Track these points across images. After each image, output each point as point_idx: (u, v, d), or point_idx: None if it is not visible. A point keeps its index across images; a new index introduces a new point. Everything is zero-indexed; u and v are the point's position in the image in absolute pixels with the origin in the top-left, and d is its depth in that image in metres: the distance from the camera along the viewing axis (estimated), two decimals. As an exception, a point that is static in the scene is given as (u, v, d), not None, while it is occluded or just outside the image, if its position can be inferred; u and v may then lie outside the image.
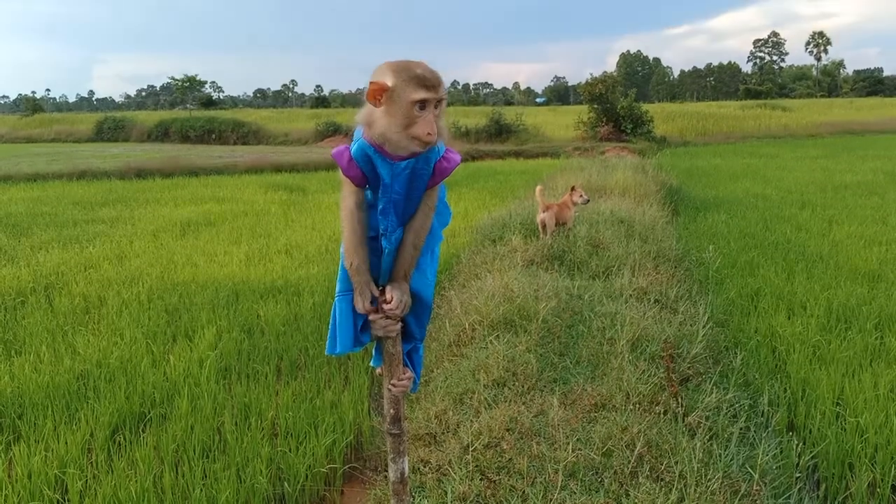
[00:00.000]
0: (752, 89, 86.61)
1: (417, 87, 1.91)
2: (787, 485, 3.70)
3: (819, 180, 17.14)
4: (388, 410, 1.97)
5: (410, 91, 1.90)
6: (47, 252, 9.85)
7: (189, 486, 3.89)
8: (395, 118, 1.94)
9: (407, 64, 1.96)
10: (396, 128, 1.96)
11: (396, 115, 1.94)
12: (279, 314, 6.83)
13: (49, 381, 5.22)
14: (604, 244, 8.02)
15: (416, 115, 1.94)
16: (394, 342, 2.13)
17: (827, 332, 6.09)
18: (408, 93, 1.91)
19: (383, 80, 1.94)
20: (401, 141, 2.00)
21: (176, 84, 61.94)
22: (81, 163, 25.09)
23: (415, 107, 1.92)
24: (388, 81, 1.93)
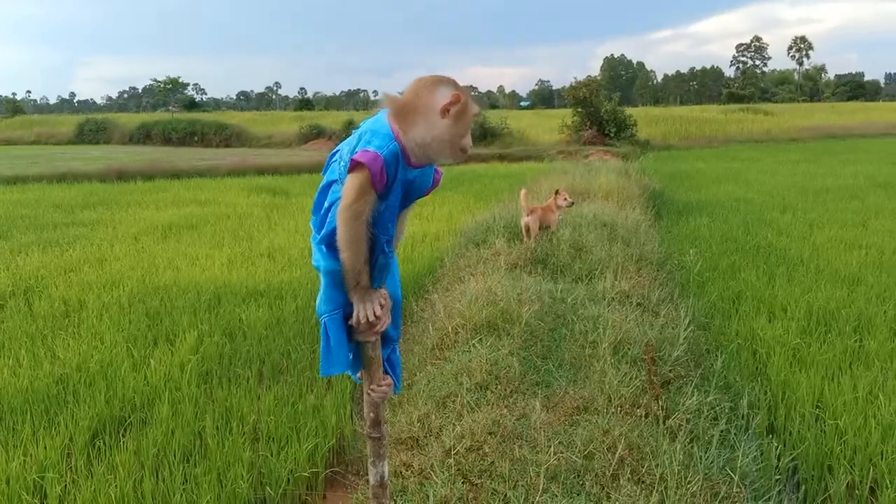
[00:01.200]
0: (735, 93, 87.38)
1: (475, 103, 2.08)
2: (767, 487, 3.72)
3: (800, 184, 17.29)
4: (369, 414, 1.97)
5: (473, 107, 2.06)
6: (27, 255, 9.76)
7: (169, 491, 3.86)
8: (457, 130, 2.06)
9: (448, 79, 2.12)
10: (452, 139, 2.08)
11: (458, 128, 2.06)
12: (261, 318, 6.80)
13: (28, 385, 5.17)
14: (587, 247, 8.05)
15: (461, 137, 2.10)
16: (373, 346, 2.12)
17: (807, 334, 6.14)
18: (473, 108, 2.06)
19: (455, 93, 2.07)
20: (444, 151, 2.12)
21: (158, 86, 61.61)
22: (62, 165, 24.91)
23: (469, 123, 2.10)
24: (457, 94, 2.07)
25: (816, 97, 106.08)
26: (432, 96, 2.08)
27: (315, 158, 29.40)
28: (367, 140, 2.14)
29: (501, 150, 32.49)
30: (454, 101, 2.05)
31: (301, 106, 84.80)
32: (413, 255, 9.44)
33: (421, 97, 2.10)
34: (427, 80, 2.12)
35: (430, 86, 2.10)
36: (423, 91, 2.10)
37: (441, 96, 2.07)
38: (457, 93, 2.06)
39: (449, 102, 2.06)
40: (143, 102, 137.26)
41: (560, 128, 36.38)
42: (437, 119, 2.07)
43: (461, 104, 2.06)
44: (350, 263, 2.15)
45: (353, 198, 2.10)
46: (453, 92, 2.07)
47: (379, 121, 2.19)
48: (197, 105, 79.81)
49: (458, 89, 2.08)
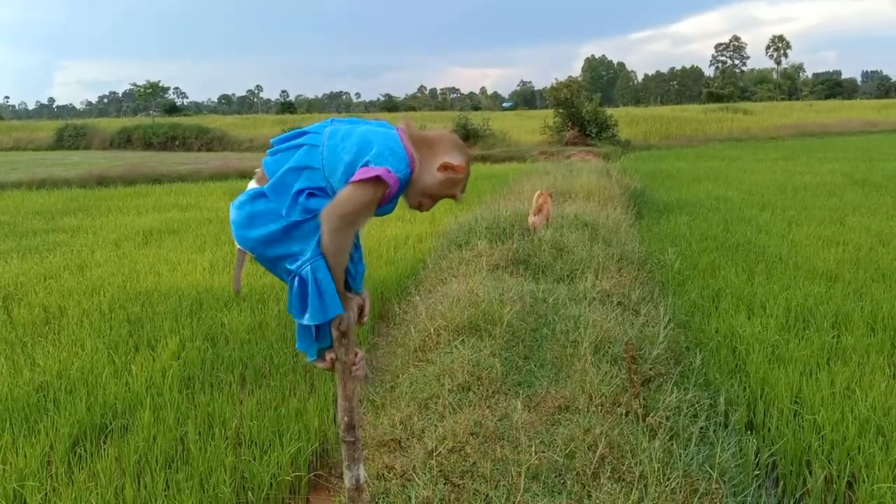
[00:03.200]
0: (715, 93, 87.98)
1: (462, 188, 2.23)
2: (746, 483, 3.76)
3: (779, 182, 17.45)
4: (343, 418, 1.98)
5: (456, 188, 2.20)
6: (6, 262, 9.68)
7: (151, 497, 3.85)
8: (436, 189, 2.16)
9: (470, 158, 2.23)
10: (427, 191, 2.18)
11: (438, 188, 2.16)
12: (243, 322, 6.79)
13: (8, 393, 5.13)
14: (568, 248, 8.09)
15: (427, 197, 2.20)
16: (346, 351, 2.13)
17: (786, 331, 6.20)
18: (459, 187, 2.21)
19: (462, 164, 2.19)
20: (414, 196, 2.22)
21: (138, 91, 61.06)
22: (41, 171, 24.68)
23: (439, 197, 2.22)
24: (463, 167, 2.19)
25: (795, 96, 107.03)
26: (447, 150, 2.17)
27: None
28: (380, 154, 2.12)
29: (484, 151, 32.52)
30: (457, 169, 2.15)
31: (283, 109, 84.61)
32: (396, 258, 9.46)
33: (440, 143, 2.19)
34: (454, 137, 2.24)
35: (452, 141, 2.20)
36: (446, 141, 2.20)
37: (452, 156, 2.15)
38: (462, 165, 2.16)
39: (453, 165, 2.14)
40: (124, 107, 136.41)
41: (542, 129, 36.48)
42: (433, 169, 2.15)
43: (457, 176, 2.16)
44: (333, 272, 2.14)
45: (357, 210, 2.10)
46: (462, 161, 2.16)
47: (392, 138, 2.18)
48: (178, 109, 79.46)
49: (467, 160, 2.19)
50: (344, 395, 1.95)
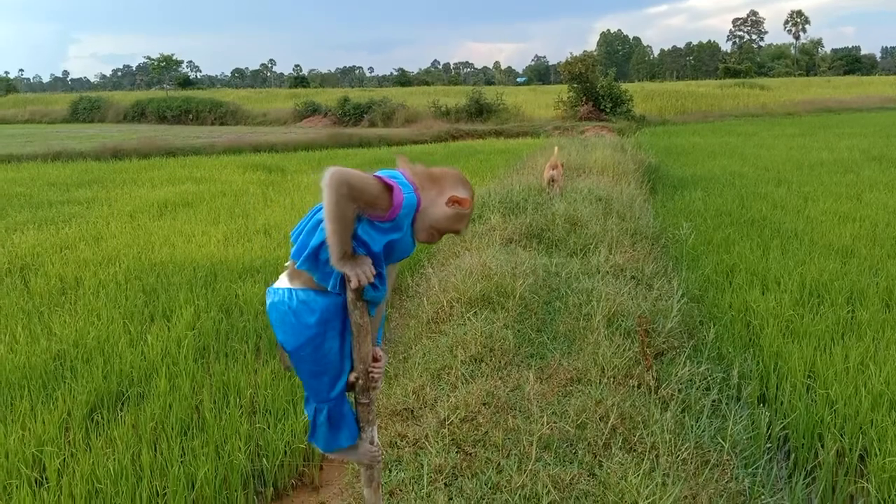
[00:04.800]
0: (732, 68, 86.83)
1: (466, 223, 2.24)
2: (757, 455, 3.77)
3: (796, 158, 17.29)
4: (358, 381, 2.00)
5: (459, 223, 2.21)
6: (22, 233, 9.75)
7: (167, 464, 3.90)
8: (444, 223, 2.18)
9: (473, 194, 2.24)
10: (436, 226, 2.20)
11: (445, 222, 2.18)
12: (257, 294, 6.82)
13: (25, 361, 5.20)
14: (582, 222, 8.07)
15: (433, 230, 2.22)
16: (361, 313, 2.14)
17: (800, 306, 6.18)
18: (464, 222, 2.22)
19: (468, 199, 2.20)
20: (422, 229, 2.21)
21: (152, 64, 61.14)
22: (57, 143, 24.79)
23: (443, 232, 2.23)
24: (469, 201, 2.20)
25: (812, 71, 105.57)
26: (453, 185, 2.20)
27: (311, 136, 29.31)
28: (388, 176, 2.21)
29: (497, 126, 32.38)
30: (463, 203, 2.18)
31: (296, 83, 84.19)
32: (409, 231, 9.46)
33: (445, 179, 2.22)
34: (459, 173, 2.27)
35: (457, 177, 2.24)
36: (451, 177, 2.23)
37: (458, 191, 2.19)
38: (468, 199, 2.19)
39: (459, 199, 2.17)
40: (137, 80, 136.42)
41: (556, 104, 36.25)
42: (441, 203, 2.18)
43: (464, 211, 2.19)
44: (337, 237, 2.08)
45: (363, 187, 2.08)
46: (468, 197, 2.19)
47: (395, 173, 2.25)
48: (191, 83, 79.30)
49: (472, 195, 2.22)
50: (359, 357, 1.96)
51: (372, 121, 37.65)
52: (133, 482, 3.75)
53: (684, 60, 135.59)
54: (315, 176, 16.43)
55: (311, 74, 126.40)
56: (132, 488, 3.70)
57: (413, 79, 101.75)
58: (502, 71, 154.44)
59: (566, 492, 3.10)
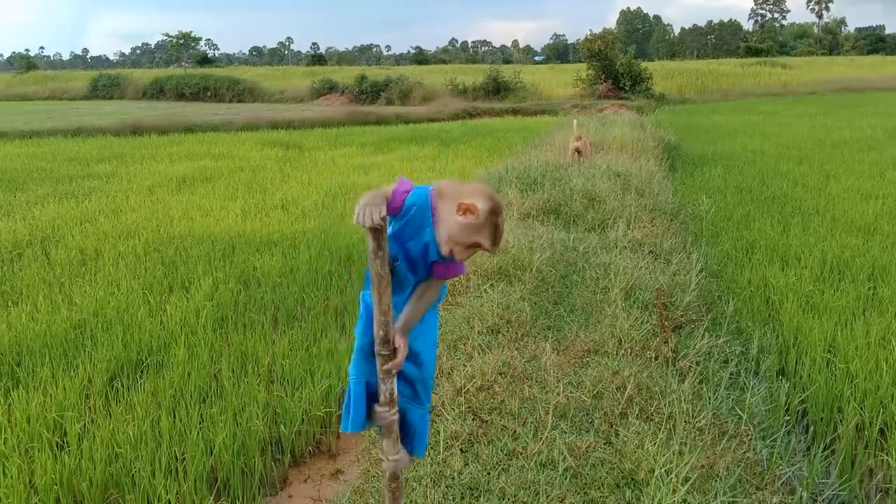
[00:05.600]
0: (753, 47, 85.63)
1: (488, 237, 2.04)
2: (776, 428, 3.75)
3: (817, 136, 17.07)
4: (378, 332, 1.99)
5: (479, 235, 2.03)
6: (43, 206, 9.83)
7: (186, 430, 3.94)
8: (456, 233, 2.04)
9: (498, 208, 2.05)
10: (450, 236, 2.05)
11: (458, 233, 2.04)
12: (275, 266, 6.85)
13: (46, 329, 5.25)
14: (600, 197, 8.02)
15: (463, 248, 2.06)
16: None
17: (820, 282, 6.12)
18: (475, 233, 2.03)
19: (480, 206, 2.02)
20: (441, 241, 2.09)
21: (171, 41, 61.22)
22: (76, 120, 24.95)
23: (471, 245, 2.05)
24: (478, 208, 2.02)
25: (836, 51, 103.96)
26: (469, 194, 2.05)
27: (328, 113, 29.30)
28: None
29: (515, 104, 32.21)
30: (471, 209, 2.01)
31: (313, 61, 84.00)
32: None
33: (465, 188, 2.09)
34: (483, 186, 2.12)
35: (477, 188, 2.09)
36: (470, 187, 2.10)
37: (473, 199, 2.03)
38: (477, 207, 2.01)
39: (468, 206, 2.02)
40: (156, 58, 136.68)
41: (574, 81, 35.98)
42: (454, 211, 2.05)
43: (475, 220, 2.02)
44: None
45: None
46: (482, 205, 2.01)
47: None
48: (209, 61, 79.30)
49: (489, 206, 2.03)
50: (380, 308, 1.96)
51: (389, 99, 37.58)
52: (152, 447, 3.79)
53: (705, 39, 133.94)
54: (332, 153, 16.47)
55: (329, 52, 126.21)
56: (151, 453, 3.74)
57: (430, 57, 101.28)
58: (520, 49, 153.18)
59: (582, 459, 3.10)
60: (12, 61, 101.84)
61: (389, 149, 17.23)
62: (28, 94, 49.24)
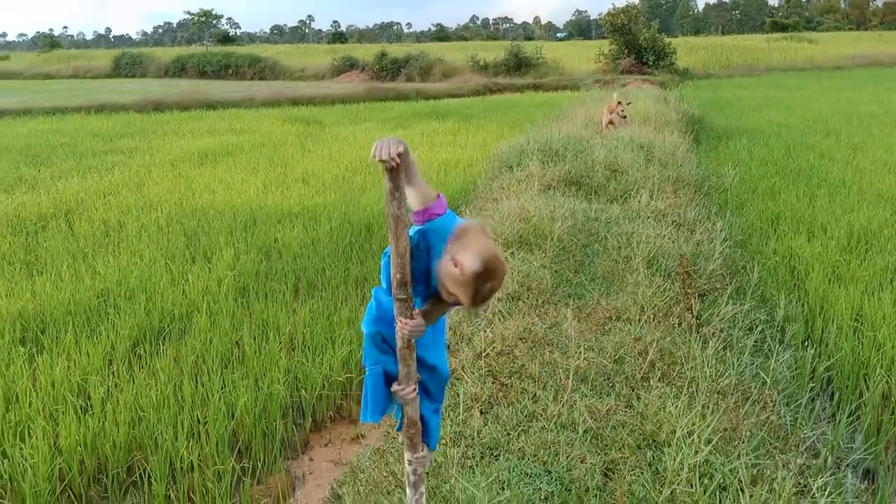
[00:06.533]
0: (779, 22, 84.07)
1: (467, 297, 1.99)
2: (800, 395, 3.71)
3: (844, 110, 16.78)
4: (395, 275, 1.97)
5: (462, 294, 1.99)
6: (67, 180, 9.91)
7: (208, 394, 3.97)
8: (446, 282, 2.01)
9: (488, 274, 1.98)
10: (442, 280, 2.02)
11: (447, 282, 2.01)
12: (296, 238, 6.86)
13: (70, 298, 5.30)
14: (622, 169, 7.94)
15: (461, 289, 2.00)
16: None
17: (847, 252, 6.03)
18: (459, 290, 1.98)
19: (465, 263, 1.97)
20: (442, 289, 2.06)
21: (193, 19, 61.34)
22: (100, 97, 25.08)
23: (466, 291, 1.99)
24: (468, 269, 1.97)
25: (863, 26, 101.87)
26: (470, 249, 1.98)
27: (348, 90, 29.23)
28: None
29: (536, 79, 31.96)
30: (460, 268, 1.96)
31: (334, 39, 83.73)
32: (446, 180, 9.39)
33: (471, 241, 2.02)
34: (488, 248, 2.02)
35: (481, 249, 1.99)
36: (477, 245, 2.00)
37: (465, 255, 1.97)
38: (466, 266, 1.95)
39: (457, 262, 1.97)
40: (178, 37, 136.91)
41: (597, 56, 35.60)
42: (448, 259, 2.01)
43: (460, 276, 1.97)
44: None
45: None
46: (471, 266, 1.95)
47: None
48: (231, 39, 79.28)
49: (477, 270, 1.95)
50: (396, 251, 1.93)
51: (409, 75, 37.42)
52: (175, 410, 3.83)
53: (730, 15, 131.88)
54: (353, 128, 16.45)
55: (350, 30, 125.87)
56: (174, 416, 3.78)
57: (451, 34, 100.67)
58: (542, 26, 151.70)
59: (603, 421, 3.08)
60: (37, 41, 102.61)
61: (410, 124, 17.16)
62: (52, 73, 49.56)
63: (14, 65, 55.45)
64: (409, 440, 2.16)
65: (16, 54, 71.35)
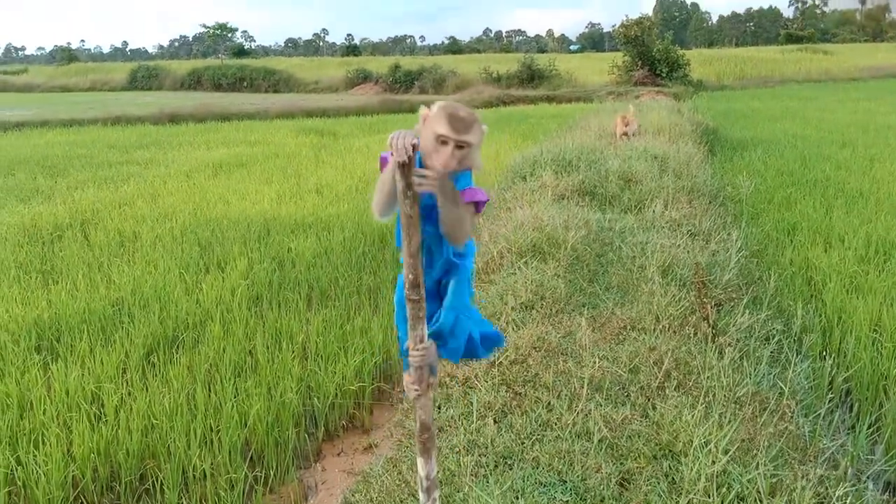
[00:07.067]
0: (794, 34, 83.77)
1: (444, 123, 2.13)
2: (818, 406, 3.65)
3: (861, 121, 16.67)
4: (407, 276, 1.96)
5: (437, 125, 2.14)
6: (83, 191, 9.98)
7: (221, 402, 3.96)
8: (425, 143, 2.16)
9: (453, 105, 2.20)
10: (424, 151, 2.17)
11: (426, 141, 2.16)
12: (310, 247, 6.87)
13: (85, 306, 5.33)
14: (636, 179, 7.91)
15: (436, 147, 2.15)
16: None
17: (865, 263, 5.97)
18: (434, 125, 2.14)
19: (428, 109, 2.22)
20: (426, 161, 2.18)
21: (208, 32, 61.95)
22: (116, 109, 25.32)
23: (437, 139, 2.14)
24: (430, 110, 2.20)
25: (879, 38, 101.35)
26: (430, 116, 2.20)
27: (362, 101, 29.36)
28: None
29: (549, 91, 31.97)
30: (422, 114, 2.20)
31: (348, 52, 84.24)
32: (460, 190, 9.37)
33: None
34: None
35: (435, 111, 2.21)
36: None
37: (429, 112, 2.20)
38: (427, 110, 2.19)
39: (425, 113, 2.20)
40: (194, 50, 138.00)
41: (610, 68, 35.60)
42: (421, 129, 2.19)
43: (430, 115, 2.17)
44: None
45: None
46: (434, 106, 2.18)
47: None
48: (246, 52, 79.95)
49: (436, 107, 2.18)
50: (408, 251, 1.92)
51: (422, 87, 37.57)
52: (188, 419, 3.82)
53: (744, 27, 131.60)
54: (366, 139, 16.49)
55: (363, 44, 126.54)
56: (187, 424, 3.77)
57: (464, 47, 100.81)
58: (555, 39, 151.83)
59: (618, 431, 3.05)
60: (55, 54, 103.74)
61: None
62: (70, 86, 50.15)
63: (32, 78, 56.22)
64: (423, 444, 2.13)
65: (34, 67, 72.18)
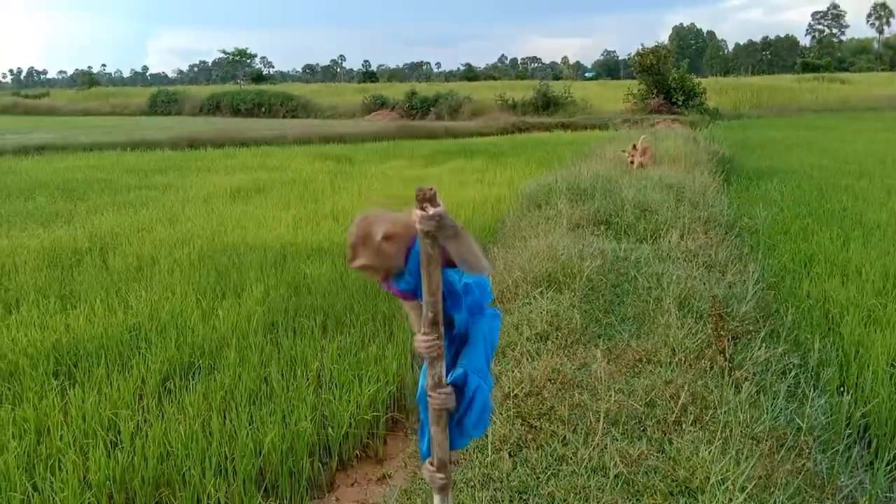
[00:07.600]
0: (810, 63, 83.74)
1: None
2: (836, 442, 3.62)
3: (879, 152, 16.61)
4: (427, 314, 1.97)
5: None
6: (102, 215, 10.08)
7: (236, 430, 3.97)
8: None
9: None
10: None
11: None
12: (325, 274, 6.90)
13: (103, 332, 5.37)
14: (652, 208, 7.91)
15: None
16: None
17: (883, 296, 5.92)
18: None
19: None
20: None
21: (227, 57, 62.79)
22: (136, 133, 25.61)
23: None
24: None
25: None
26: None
27: (378, 127, 29.58)
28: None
29: (564, 119, 32.10)
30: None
31: (365, 78, 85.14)
32: (473, 218, 9.42)
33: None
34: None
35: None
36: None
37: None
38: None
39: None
40: (213, 75, 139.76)
41: (626, 96, 35.70)
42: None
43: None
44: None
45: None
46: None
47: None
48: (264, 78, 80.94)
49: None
50: (428, 289, 1.94)
51: (438, 114, 37.80)
52: (203, 446, 3.83)
53: (760, 55, 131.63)
54: (382, 166, 16.60)
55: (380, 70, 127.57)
56: (202, 452, 3.78)
57: (480, 74, 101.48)
58: (570, 66, 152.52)
59: (634, 466, 3.03)
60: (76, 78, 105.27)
61: (439, 162, 17.31)
62: (90, 110, 50.81)
63: (54, 101, 57.01)
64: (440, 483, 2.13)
65: (55, 91, 73.23)
